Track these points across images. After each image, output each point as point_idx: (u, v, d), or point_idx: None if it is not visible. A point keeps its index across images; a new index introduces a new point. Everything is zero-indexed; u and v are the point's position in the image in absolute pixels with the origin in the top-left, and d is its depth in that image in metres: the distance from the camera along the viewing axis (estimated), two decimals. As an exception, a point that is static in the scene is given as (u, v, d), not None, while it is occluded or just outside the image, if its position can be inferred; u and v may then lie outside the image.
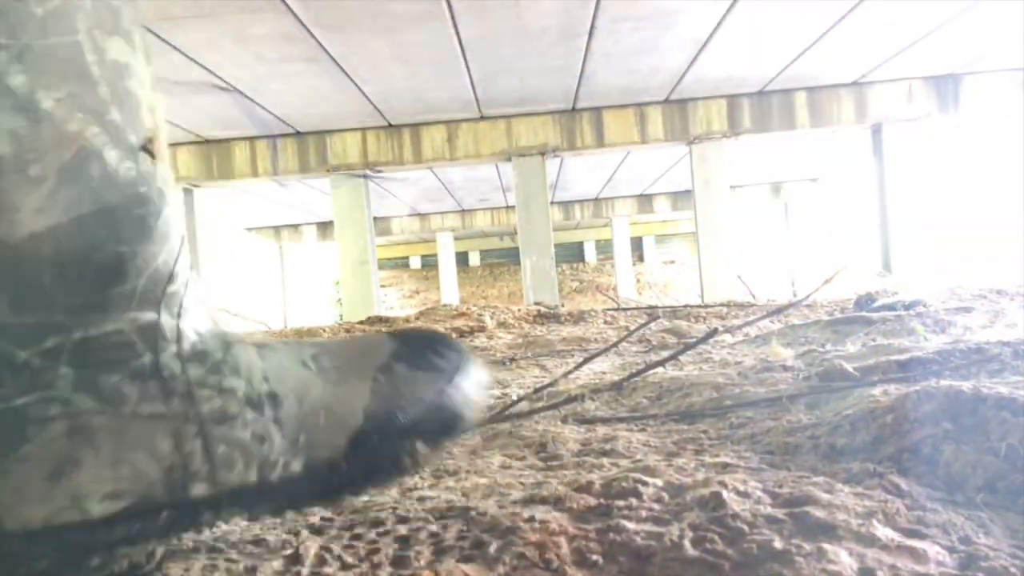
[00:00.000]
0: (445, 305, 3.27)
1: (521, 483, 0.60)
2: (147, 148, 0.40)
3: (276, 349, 0.49)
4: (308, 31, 2.44)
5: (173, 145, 3.70)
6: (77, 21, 0.36)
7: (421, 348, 0.53)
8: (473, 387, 0.52)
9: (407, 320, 2.77)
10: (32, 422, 0.38)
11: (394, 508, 0.55)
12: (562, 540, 0.46)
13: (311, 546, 0.48)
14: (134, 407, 0.40)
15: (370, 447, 0.47)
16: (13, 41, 0.34)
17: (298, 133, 3.77)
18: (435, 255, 9.23)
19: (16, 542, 0.38)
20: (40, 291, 0.37)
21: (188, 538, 0.50)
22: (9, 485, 0.37)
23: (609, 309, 2.85)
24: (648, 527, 0.47)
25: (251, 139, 3.79)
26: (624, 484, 0.55)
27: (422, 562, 0.45)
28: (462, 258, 11.27)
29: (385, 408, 0.48)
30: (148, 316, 0.41)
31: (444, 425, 0.50)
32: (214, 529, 0.51)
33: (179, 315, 0.43)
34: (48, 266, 0.37)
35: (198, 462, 0.42)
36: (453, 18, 2.42)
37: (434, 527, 0.50)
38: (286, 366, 0.48)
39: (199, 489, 0.42)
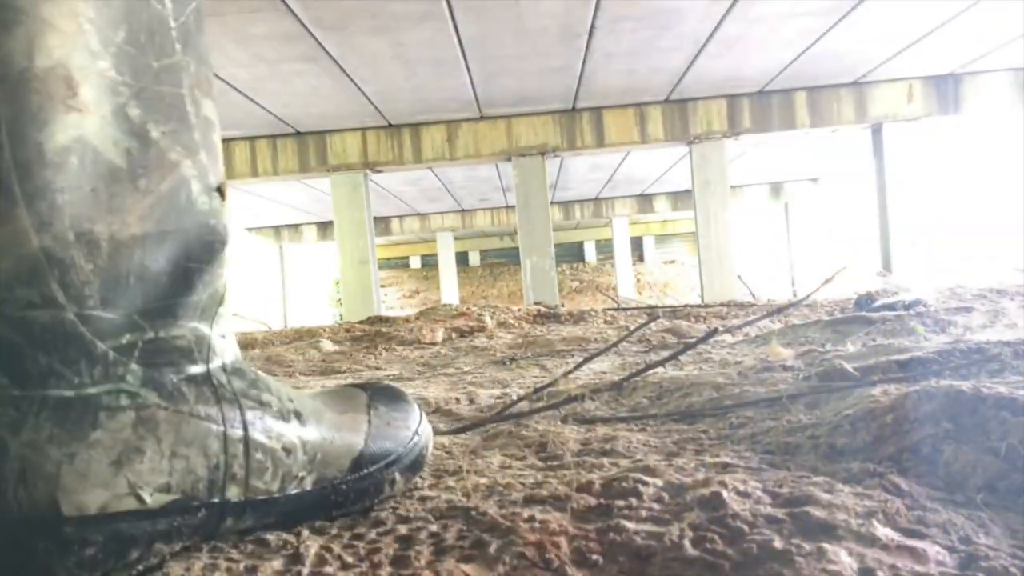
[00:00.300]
0: (445, 305, 3.27)
1: (521, 483, 0.60)
2: (220, 190, 0.47)
3: (284, 382, 0.56)
4: (308, 31, 2.44)
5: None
6: (183, 78, 0.44)
7: (390, 394, 0.62)
8: (428, 432, 0.61)
9: (407, 320, 2.77)
10: (104, 410, 0.41)
11: (394, 508, 0.55)
12: (562, 540, 0.46)
13: (311, 546, 0.48)
14: (191, 407, 0.44)
15: (364, 472, 0.53)
16: (134, 83, 0.42)
17: (298, 133, 3.77)
18: (435, 255, 9.23)
19: (70, 527, 0.40)
20: (126, 289, 0.42)
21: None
22: (74, 469, 0.40)
23: (609, 309, 2.85)
24: (648, 527, 0.48)
25: (251, 139, 3.79)
26: (624, 484, 0.55)
27: (422, 562, 0.45)
28: (462, 258, 11.27)
29: (379, 437, 0.55)
30: (204, 329, 0.47)
31: (415, 459, 0.58)
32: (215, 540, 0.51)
33: (224, 335, 0.48)
34: (137, 267, 0.42)
35: (237, 466, 0.46)
36: (453, 18, 2.42)
37: (434, 527, 0.51)
38: (299, 395, 0.53)
39: (233, 492, 0.46)
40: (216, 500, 0.45)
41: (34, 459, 0.40)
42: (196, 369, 0.46)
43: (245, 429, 0.47)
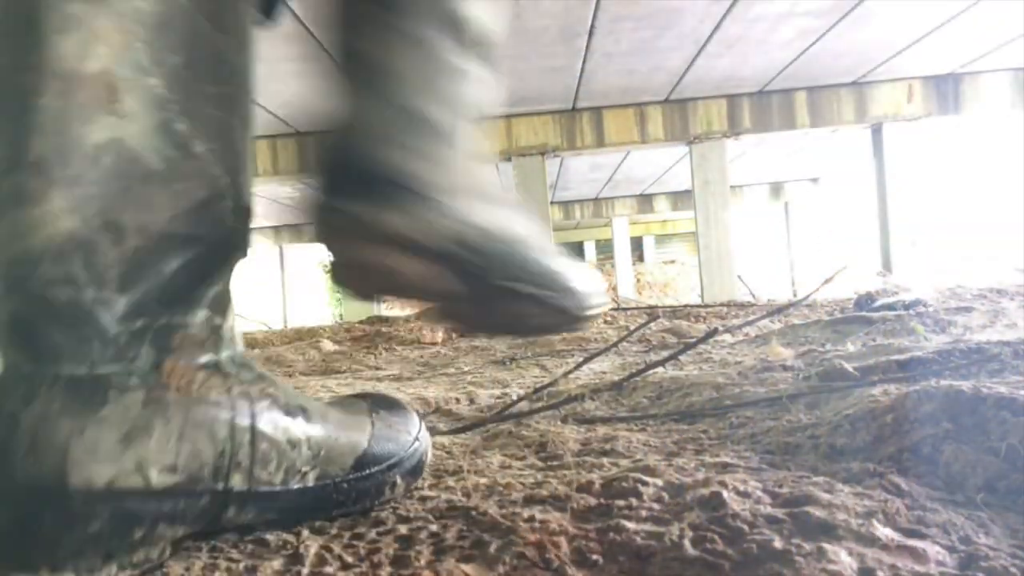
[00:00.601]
0: (445, 305, 3.26)
1: (521, 483, 0.60)
2: (248, 211, 0.51)
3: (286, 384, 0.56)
4: (308, 31, 2.44)
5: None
6: (234, 108, 0.48)
7: (390, 401, 0.64)
8: (428, 440, 0.62)
9: (407, 320, 2.77)
10: (113, 388, 0.42)
11: (395, 508, 0.55)
12: (562, 540, 0.46)
13: (311, 546, 0.48)
14: (201, 392, 0.46)
15: (366, 472, 0.54)
16: (186, 101, 0.45)
17: (297, 133, 3.77)
18: (435, 255, 9.21)
19: (77, 500, 0.40)
20: (146, 278, 0.44)
21: (188, 537, 0.50)
22: (83, 443, 0.41)
23: (609, 309, 2.85)
24: (648, 527, 0.48)
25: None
26: (624, 484, 0.55)
27: (422, 562, 0.45)
28: (462, 258, 11.23)
29: (382, 439, 0.56)
30: (216, 320, 0.48)
31: (416, 464, 0.58)
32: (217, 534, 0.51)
33: (232, 329, 0.50)
34: (159, 260, 0.45)
35: (243, 454, 0.46)
36: (453, 18, 2.42)
37: (434, 527, 0.51)
38: (303, 395, 0.54)
39: (236, 480, 0.46)
40: (220, 487, 0.46)
41: (44, 431, 0.41)
42: (207, 358, 0.47)
43: (253, 419, 0.47)
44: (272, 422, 0.48)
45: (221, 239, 0.48)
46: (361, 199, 0.47)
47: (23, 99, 0.42)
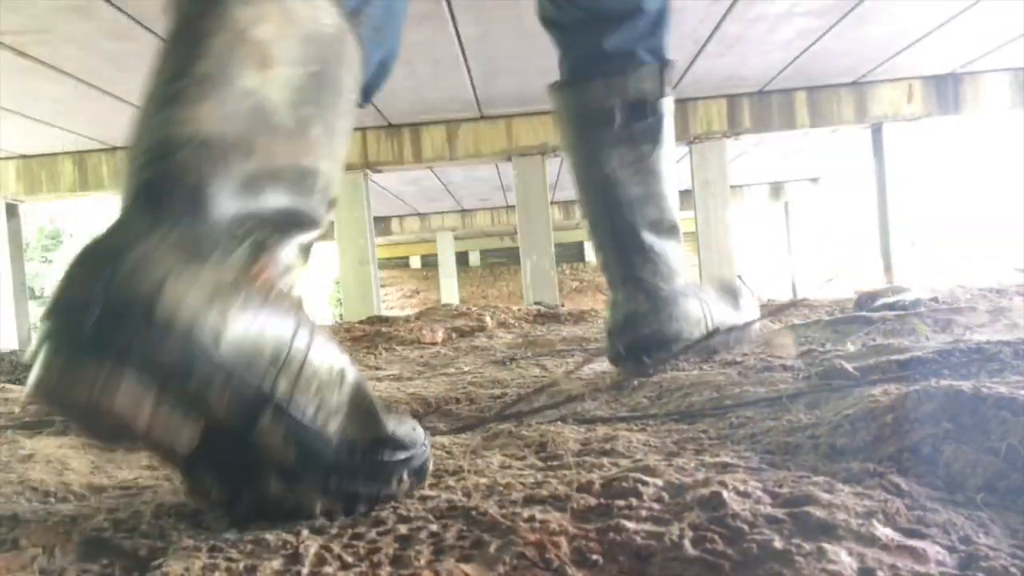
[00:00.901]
0: (445, 305, 3.27)
1: (521, 483, 0.60)
2: (332, 204, 0.60)
3: None
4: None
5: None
6: (339, 122, 0.60)
7: (399, 411, 0.71)
8: (430, 449, 0.65)
9: (407, 320, 2.77)
10: (212, 259, 0.48)
11: (395, 508, 0.55)
12: (562, 540, 0.46)
13: (311, 545, 0.48)
14: (278, 300, 0.51)
15: (379, 456, 0.56)
16: (311, 98, 0.57)
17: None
18: (435, 255, 9.22)
19: (156, 328, 0.44)
20: (256, 199, 0.52)
21: (188, 537, 0.50)
22: (177, 285, 0.46)
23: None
24: (648, 527, 0.48)
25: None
26: (624, 484, 0.55)
27: (422, 562, 0.45)
28: (462, 258, 11.25)
29: (400, 432, 0.59)
30: (299, 262, 0.56)
31: (421, 466, 0.60)
32: (218, 533, 0.51)
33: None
34: (271, 192, 0.53)
35: (293, 369, 0.51)
36: (453, 18, 2.42)
37: (434, 527, 0.51)
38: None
39: (280, 390, 0.50)
40: (267, 389, 0.49)
41: (148, 263, 0.45)
42: (287, 281, 0.53)
43: (309, 344, 0.52)
44: (321, 354, 0.53)
45: (309, 209, 0.56)
46: (646, 355, 1.12)
47: (201, 35, 0.52)
